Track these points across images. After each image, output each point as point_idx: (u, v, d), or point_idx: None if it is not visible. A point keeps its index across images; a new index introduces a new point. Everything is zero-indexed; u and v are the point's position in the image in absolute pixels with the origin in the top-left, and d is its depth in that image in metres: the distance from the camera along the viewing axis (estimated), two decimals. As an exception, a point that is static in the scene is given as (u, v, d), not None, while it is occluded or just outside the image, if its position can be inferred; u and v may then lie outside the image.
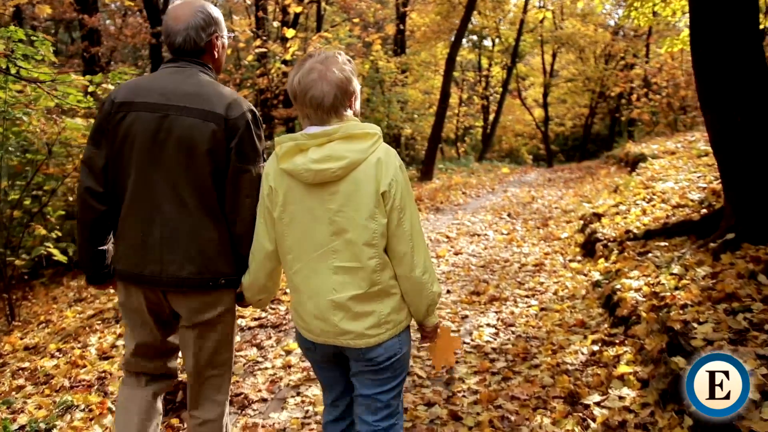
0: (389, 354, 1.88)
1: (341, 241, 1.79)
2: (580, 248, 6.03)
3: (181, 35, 2.01)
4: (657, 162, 8.44)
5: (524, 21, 24.06)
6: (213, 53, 2.09)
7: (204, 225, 1.98)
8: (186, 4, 2.05)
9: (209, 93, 1.97)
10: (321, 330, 1.86)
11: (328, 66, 1.76)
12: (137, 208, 1.98)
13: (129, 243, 2.01)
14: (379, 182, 1.75)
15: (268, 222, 1.89)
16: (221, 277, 2.02)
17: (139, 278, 2.01)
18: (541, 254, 6.25)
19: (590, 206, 8.06)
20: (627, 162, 11.17)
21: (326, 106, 1.76)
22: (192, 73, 2.02)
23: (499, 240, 7.10)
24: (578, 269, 5.37)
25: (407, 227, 1.81)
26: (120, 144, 1.97)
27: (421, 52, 25.19)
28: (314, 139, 1.75)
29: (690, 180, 6.60)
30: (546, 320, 4.31)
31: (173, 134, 1.93)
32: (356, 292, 1.80)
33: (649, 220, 5.56)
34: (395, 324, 1.87)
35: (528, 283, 5.24)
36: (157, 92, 1.97)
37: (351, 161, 1.73)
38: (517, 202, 10.29)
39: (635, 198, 6.55)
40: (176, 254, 1.97)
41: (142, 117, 1.94)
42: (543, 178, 15.10)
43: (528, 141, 33.41)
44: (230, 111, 1.95)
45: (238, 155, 1.96)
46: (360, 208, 1.76)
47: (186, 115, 1.93)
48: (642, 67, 17.35)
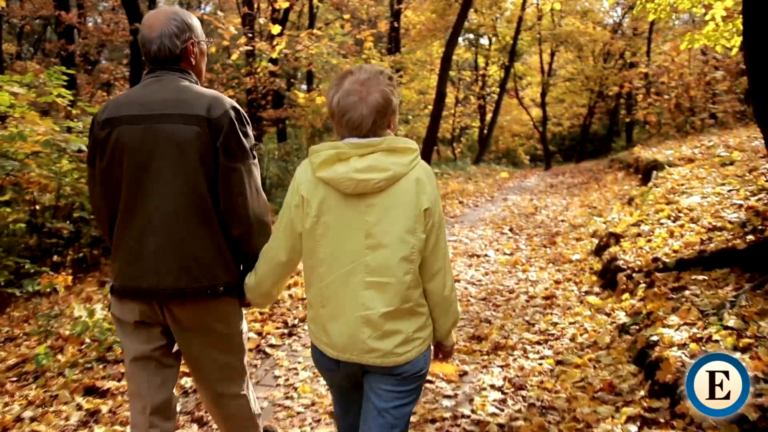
0: (415, 370, 1.85)
1: (376, 255, 1.76)
2: (597, 277, 5.17)
3: (155, 43, 2.00)
4: (675, 171, 7.59)
5: (522, 18, 23.31)
6: (190, 60, 2.08)
7: (198, 232, 1.96)
8: (159, 12, 2.04)
9: (188, 96, 1.97)
10: (347, 346, 1.81)
11: (369, 89, 1.74)
12: (130, 220, 1.98)
13: (125, 257, 2.00)
14: (421, 198, 1.75)
15: (288, 233, 1.85)
16: (219, 285, 1.99)
17: (136, 292, 1.98)
18: (551, 282, 5.39)
19: (602, 221, 7.22)
20: (638, 169, 10.30)
21: (364, 129, 1.75)
22: (170, 80, 2.01)
23: (502, 262, 6.24)
24: (598, 306, 4.51)
25: (442, 244, 1.83)
26: (109, 160, 1.98)
27: (416, 51, 24.62)
28: (357, 149, 1.73)
29: (719, 194, 5.76)
30: (565, 380, 3.45)
31: (159, 143, 1.93)
32: (387, 309, 1.77)
33: (679, 245, 4.71)
34: (422, 341, 1.86)
35: (538, 324, 4.38)
36: (138, 104, 1.97)
37: (394, 174, 1.72)
38: (519, 213, 9.43)
39: (657, 215, 5.70)
40: (171, 264, 1.95)
41: (126, 130, 1.95)
42: (544, 183, 14.26)
43: (525, 141, 32.93)
44: (212, 111, 1.94)
45: (225, 153, 1.94)
46: (398, 222, 1.74)
47: (167, 122, 1.93)
48: (648, 66, 16.51)
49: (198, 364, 2.13)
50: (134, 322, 2.04)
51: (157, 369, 2.09)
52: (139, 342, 2.07)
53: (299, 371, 3.78)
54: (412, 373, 1.84)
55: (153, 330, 2.07)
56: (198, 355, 2.10)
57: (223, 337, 2.10)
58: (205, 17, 18.76)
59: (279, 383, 3.63)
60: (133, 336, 2.07)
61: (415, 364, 1.84)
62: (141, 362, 2.08)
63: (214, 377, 2.16)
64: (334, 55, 15.41)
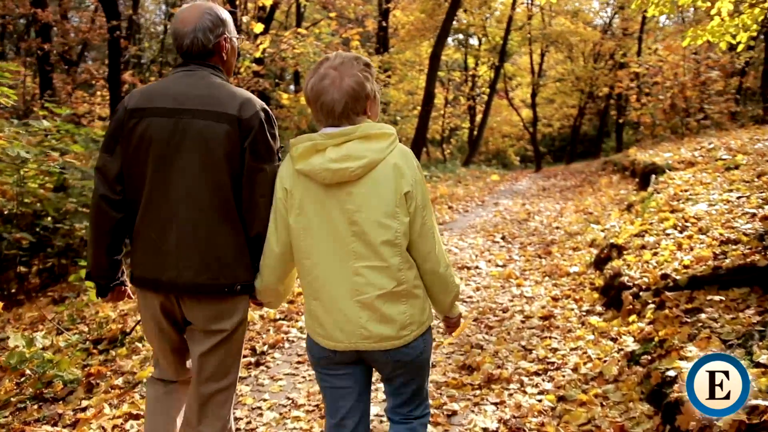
0: (415, 354, 1.88)
1: (361, 242, 1.77)
2: (599, 294, 4.72)
3: (188, 37, 2.01)
4: (677, 175, 7.16)
5: (512, 18, 22.99)
6: (222, 55, 2.09)
7: (221, 230, 1.98)
8: (193, 7, 2.06)
9: (221, 94, 1.99)
10: (344, 335, 1.82)
11: (342, 73, 1.76)
12: (153, 213, 1.98)
13: (145, 249, 2.01)
14: (400, 182, 1.76)
15: (279, 225, 1.88)
16: (237, 284, 2.00)
17: (156, 284, 2.01)
18: (548, 299, 4.94)
19: (600, 228, 6.78)
20: (634, 172, 9.87)
21: (337, 113, 1.77)
22: (203, 76, 2.03)
23: (494, 276, 5.77)
24: (602, 328, 4.05)
25: (429, 225, 1.83)
26: (135, 150, 1.98)
27: (405, 51, 24.29)
28: (332, 139, 1.75)
29: (728, 202, 5.33)
30: (569, 421, 2.99)
31: (188, 138, 1.94)
32: (382, 291, 1.78)
33: (690, 260, 4.26)
34: (419, 325, 1.87)
35: (536, 350, 3.92)
36: (170, 97, 1.98)
37: (370, 160, 1.74)
38: (511, 219, 8.99)
39: (662, 225, 5.26)
40: (192, 259, 1.96)
41: (155, 122, 1.96)
42: (536, 186, 13.84)
43: (515, 142, 32.76)
44: (243, 111, 1.96)
45: (252, 154, 1.96)
46: (379, 207, 1.75)
47: (199, 117, 1.94)
48: (641, 65, 16.14)
49: (201, 360, 2.09)
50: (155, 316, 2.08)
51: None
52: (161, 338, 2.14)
53: (264, 411, 3.29)
54: (411, 358, 1.87)
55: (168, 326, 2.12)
56: (203, 350, 2.08)
57: (230, 335, 2.09)
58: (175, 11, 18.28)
59: (239, 427, 3.14)
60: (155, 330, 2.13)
61: (415, 347, 1.86)
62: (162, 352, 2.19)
63: (211, 375, 2.11)
64: (320, 55, 14.96)
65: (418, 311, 1.86)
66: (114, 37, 13.40)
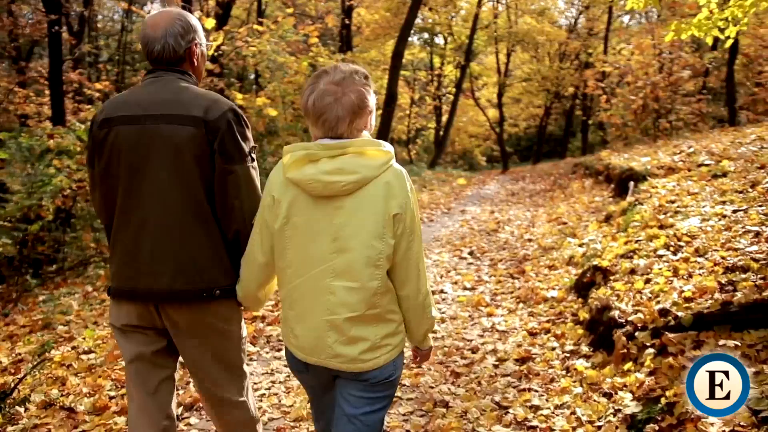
0: (383, 376, 1.81)
1: (342, 259, 1.73)
2: (584, 329, 4.03)
3: (159, 43, 2.00)
4: (659, 183, 6.55)
5: (478, 17, 22.49)
6: (192, 61, 2.09)
7: (195, 233, 1.95)
8: (164, 13, 2.05)
9: (186, 97, 1.97)
10: (314, 350, 1.79)
11: (345, 89, 1.74)
12: (126, 221, 1.98)
13: (121, 258, 2.00)
14: (390, 203, 1.72)
15: (264, 234, 1.85)
16: (216, 288, 1.96)
17: (133, 293, 1.98)
18: (523, 334, 4.22)
19: (577, 243, 6.13)
20: (609, 177, 9.28)
21: (340, 130, 1.74)
22: (169, 80, 2.02)
23: (462, 302, 5.05)
24: (591, 378, 3.35)
25: (415, 250, 1.79)
26: (107, 160, 1.98)
27: (370, 50, 23.66)
28: (328, 151, 1.71)
29: (723, 216, 4.71)
30: None
31: (155, 144, 1.93)
32: (352, 314, 1.73)
33: (691, 290, 3.60)
34: (391, 348, 1.81)
35: (513, 408, 3.19)
36: (135, 104, 1.98)
37: (363, 177, 1.71)
38: (480, 229, 8.29)
39: (652, 244, 4.60)
40: (167, 265, 1.94)
41: (122, 131, 1.96)
42: (505, 191, 13.22)
43: (482, 142, 32.48)
44: (209, 113, 1.94)
45: (222, 156, 1.94)
46: (365, 226, 1.71)
47: (164, 122, 1.93)
48: (611, 65, 15.71)
49: (196, 368, 2.09)
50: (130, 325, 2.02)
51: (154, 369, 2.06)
52: (137, 344, 2.04)
53: None
54: (380, 380, 1.80)
55: (148, 333, 2.04)
56: (196, 358, 2.06)
57: (222, 341, 2.06)
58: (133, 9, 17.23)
59: None
60: (131, 338, 2.05)
61: (384, 371, 1.80)
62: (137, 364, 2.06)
63: (213, 381, 2.09)
64: (279, 53, 14.16)
65: (390, 335, 1.80)
66: (53, 32, 12.35)
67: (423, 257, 1.84)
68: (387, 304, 1.77)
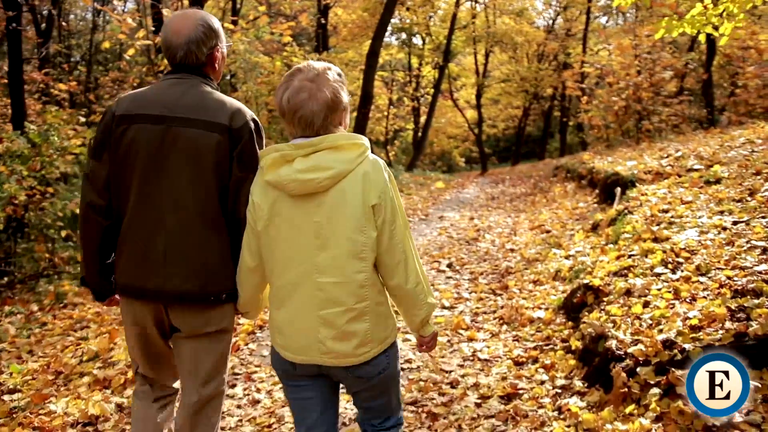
0: (378, 370, 1.84)
1: (326, 255, 1.75)
2: (576, 360, 3.59)
3: (182, 49, 2.01)
4: (648, 190, 6.16)
5: (456, 17, 22.17)
6: (214, 65, 2.11)
7: (208, 238, 1.98)
8: (186, 17, 2.04)
9: (212, 103, 1.99)
10: (303, 348, 1.81)
11: (319, 85, 1.74)
12: (140, 220, 1.98)
13: (131, 256, 2.00)
14: (368, 195, 1.73)
15: (251, 237, 1.87)
16: (223, 292, 2.01)
17: (142, 292, 2.01)
18: (509, 364, 3.77)
19: (563, 254, 5.72)
20: (593, 182, 8.90)
21: (316, 126, 1.75)
22: (193, 84, 2.03)
23: (440, 323, 4.59)
24: (588, 423, 2.90)
25: (398, 239, 1.79)
26: (123, 157, 1.98)
27: (347, 51, 23.28)
28: (300, 149, 1.73)
29: (723, 228, 4.32)
30: None
31: (177, 146, 1.95)
32: (342, 308, 1.75)
33: (697, 316, 3.18)
34: (380, 341, 1.83)
35: (499, 462, 2.74)
36: (159, 104, 1.99)
37: (338, 171, 1.71)
38: (459, 238, 7.85)
39: (647, 258, 4.19)
40: (179, 267, 1.96)
41: (144, 129, 1.96)
42: (484, 195, 12.82)
43: (460, 143, 32.26)
44: (234, 120, 1.97)
45: (240, 164, 1.97)
46: (346, 220, 1.73)
47: (190, 126, 1.95)
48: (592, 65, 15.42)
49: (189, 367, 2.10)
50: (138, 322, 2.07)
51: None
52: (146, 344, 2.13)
53: None
54: (374, 374, 1.83)
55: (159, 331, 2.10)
56: (191, 357, 2.08)
57: (215, 342, 2.09)
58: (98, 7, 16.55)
59: None
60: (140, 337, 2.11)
61: (377, 364, 1.82)
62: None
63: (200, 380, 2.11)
64: (253, 53, 13.64)
65: (381, 328, 1.82)
66: (11, 29, 11.66)
67: (410, 245, 1.83)
68: (376, 295, 1.79)
